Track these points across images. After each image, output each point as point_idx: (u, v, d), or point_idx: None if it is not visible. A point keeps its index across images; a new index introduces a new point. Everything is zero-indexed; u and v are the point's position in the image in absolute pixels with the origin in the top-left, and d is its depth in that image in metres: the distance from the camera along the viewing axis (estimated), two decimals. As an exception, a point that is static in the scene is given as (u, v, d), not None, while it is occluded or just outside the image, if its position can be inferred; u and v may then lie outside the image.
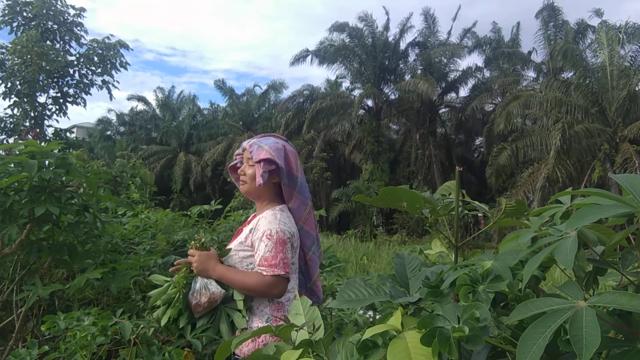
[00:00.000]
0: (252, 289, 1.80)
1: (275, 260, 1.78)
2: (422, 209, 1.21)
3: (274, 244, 1.80)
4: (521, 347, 0.70)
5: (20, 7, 11.10)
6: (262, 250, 1.80)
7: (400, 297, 1.10)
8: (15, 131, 11.44)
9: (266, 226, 1.83)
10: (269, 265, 1.78)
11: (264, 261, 1.79)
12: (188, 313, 1.78)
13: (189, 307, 1.78)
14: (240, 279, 1.81)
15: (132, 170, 6.25)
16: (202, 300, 1.76)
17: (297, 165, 1.98)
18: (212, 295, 1.77)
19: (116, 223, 2.82)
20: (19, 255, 2.25)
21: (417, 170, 23.55)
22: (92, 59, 11.58)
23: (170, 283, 1.84)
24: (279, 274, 1.78)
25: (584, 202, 0.91)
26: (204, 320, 1.78)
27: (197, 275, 1.80)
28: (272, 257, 1.78)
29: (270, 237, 1.81)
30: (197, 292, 1.77)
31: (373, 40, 23.67)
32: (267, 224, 1.84)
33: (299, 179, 1.95)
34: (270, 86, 32.42)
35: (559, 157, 15.63)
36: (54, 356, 1.72)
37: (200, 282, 1.79)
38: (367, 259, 14.50)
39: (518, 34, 25.36)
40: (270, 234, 1.81)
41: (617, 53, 16.99)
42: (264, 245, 1.81)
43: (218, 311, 1.80)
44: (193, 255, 1.81)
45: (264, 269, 1.78)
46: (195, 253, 1.81)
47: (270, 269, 1.78)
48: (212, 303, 1.77)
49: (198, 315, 1.78)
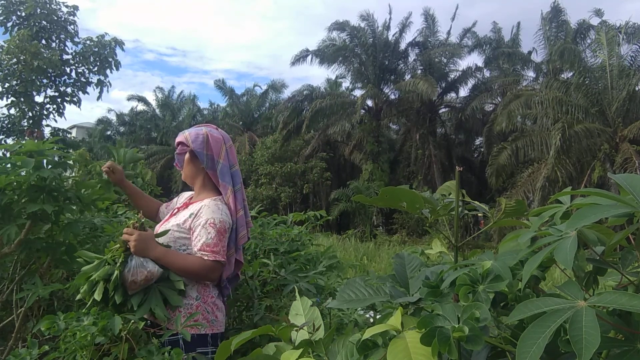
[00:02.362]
0: (192, 271, 1.91)
1: (217, 247, 1.92)
2: (422, 209, 1.21)
3: (217, 232, 1.93)
4: (521, 347, 0.70)
5: (14, 7, 11.08)
6: (205, 236, 1.92)
7: (400, 297, 1.10)
8: (14, 131, 11.42)
9: (210, 215, 1.95)
10: (212, 251, 1.90)
11: (206, 247, 1.91)
12: (122, 290, 1.80)
13: (123, 284, 1.81)
14: (181, 261, 1.91)
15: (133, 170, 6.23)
16: (139, 278, 1.79)
17: (223, 152, 2.10)
18: (149, 273, 1.81)
19: (116, 222, 2.82)
20: (18, 255, 2.25)
21: (417, 170, 23.55)
22: (88, 57, 11.54)
23: (102, 259, 1.86)
24: (219, 259, 1.92)
25: (583, 202, 0.91)
26: (137, 298, 1.82)
27: (132, 254, 1.84)
28: (214, 244, 1.91)
29: (213, 225, 1.93)
30: (133, 269, 1.79)
31: (373, 39, 23.68)
32: (211, 212, 1.96)
33: (220, 163, 2.08)
34: (270, 86, 32.44)
35: (558, 157, 15.63)
36: (54, 356, 1.72)
37: (135, 259, 1.82)
38: (367, 259, 14.50)
39: (518, 34, 25.38)
40: (213, 223, 1.94)
41: (616, 53, 17.00)
42: (206, 232, 1.93)
43: (151, 289, 1.85)
44: (131, 234, 1.85)
45: (206, 254, 1.90)
46: (133, 232, 1.85)
47: (213, 254, 1.90)
48: (148, 281, 1.82)
49: (132, 292, 1.81)
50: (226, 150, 2.12)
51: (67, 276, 2.52)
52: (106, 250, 1.92)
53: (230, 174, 2.10)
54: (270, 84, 32.68)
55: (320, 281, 2.48)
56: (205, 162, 2.07)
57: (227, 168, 2.10)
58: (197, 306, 1.94)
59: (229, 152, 2.13)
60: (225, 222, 1.97)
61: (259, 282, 2.53)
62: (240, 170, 2.23)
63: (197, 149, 2.07)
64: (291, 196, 24.45)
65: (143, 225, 1.91)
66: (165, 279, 1.89)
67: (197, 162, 2.09)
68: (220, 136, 2.14)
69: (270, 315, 2.32)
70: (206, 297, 1.98)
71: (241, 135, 29.41)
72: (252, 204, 20.76)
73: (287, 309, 1.28)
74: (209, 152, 2.08)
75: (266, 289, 2.55)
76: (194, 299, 1.94)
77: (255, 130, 31.19)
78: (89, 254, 1.93)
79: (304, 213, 3.21)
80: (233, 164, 2.14)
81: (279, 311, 2.34)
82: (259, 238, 2.78)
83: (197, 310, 1.93)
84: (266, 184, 24.76)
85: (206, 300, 1.97)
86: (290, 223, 3.09)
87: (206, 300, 1.97)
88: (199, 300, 1.95)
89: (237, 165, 2.17)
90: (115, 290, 1.79)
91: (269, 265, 2.51)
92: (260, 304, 2.35)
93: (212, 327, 1.96)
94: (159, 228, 2.10)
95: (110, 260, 1.85)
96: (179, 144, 2.13)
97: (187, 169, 2.14)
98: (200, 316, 1.92)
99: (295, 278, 2.44)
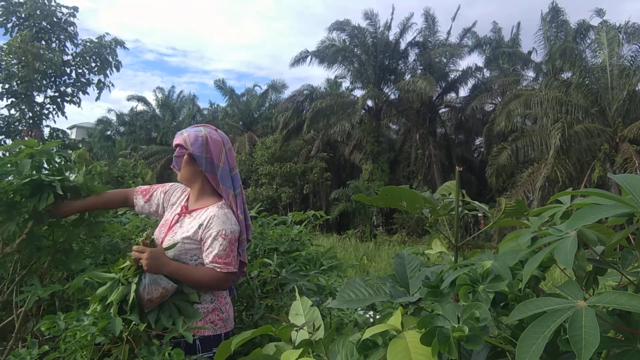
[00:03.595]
0: (205, 284, 1.92)
1: (228, 258, 1.93)
2: (422, 209, 1.21)
3: (228, 243, 1.94)
4: (521, 346, 0.70)
5: (14, 8, 11.07)
6: (217, 248, 1.92)
7: (400, 297, 1.10)
8: (13, 131, 11.41)
9: (221, 226, 1.95)
10: (224, 263, 1.92)
11: (218, 259, 1.92)
12: (139, 308, 1.80)
13: (139, 303, 1.81)
14: (194, 274, 1.92)
15: (133, 170, 6.24)
16: (155, 296, 1.79)
17: (222, 155, 2.07)
18: (164, 290, 1.82)
19: (116, 223, 2.82)
20: (19, 255, 2.25)
21: (417, 170, 23.54)
22: (88, 58, 11.53)
23: (115, 279, 1.85)
24: (232, 270, 1.93)
25: (584, 202, 0.91)
26: (153, 315, 1.82)
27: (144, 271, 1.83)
28: (225, 255, 1.92)
29: (225, 236, 1.94)
30: (148, 288, 1.80)
31: (374, 39, 23.67)
32: (222, 224, 1.96)
33: (220, 167, 2.06)
34: (270, 86, 32.45)
35: (558, 157, 15.63)
36: (54, 356, 1.72)
37: (149, 277, 1.81)
38: (367, 259, 14.50)
39: (518, 34, 25.39)
40: (225, 234, 1.94)
41: (617, 53, 16.99)
42: (218, 244, 1.93)
43: (166, 305, 1.85)
44: (142, 252, 1.83)
45: (218, 266, 1.91)
46: (144, 249, 1.84)
47: (225, 266, 1.92)
48: (163, 297, 1.82)
49: (148, 310, 1.81)
50: (225, 153, 2.09)
51: (67, 276, 2.52)
52: (115, 268, 1.90)
53: (230, 177, 2.08)
54: (271, 84, 32.71)
55: (321, 279, 2.48)
56: (204, 166, 2.04)
57: (227, 172, 2.08)
58: (214, 308, 1.97)
59: (229, 154, 2.11)
60: (235, 232, 1.98)
61: (259, 282, 2.53)
62: (240, 170, 2.23)
63: (196, 152, 2.02)
64: (291, 196, 24.45)
65: (154, 242, 1.89)
66: (179, 292, 1.90)
67: (196, 165, 2.06)
68: (220, 138, 2.10)
69: (271, 315, 2.32)
70: (220, 298, 2.01)
71: (241, 135, 29.41)
72: (252, 204, 20.76)
73: (288, 309, 1.28)
74: (208, 155, 2.04)
75: (266, 288, 2.56)
76: (209, 303, 1.97)
77: (255, 130, 31.19)
78: (100, 275, 1.91)
79: (304, 213, 3.21)
80: (233, 167, 2.11)
81: (280, 311, 2.34)
82: (259, 238, 2.78)
83: (212, 312, 1.96)
84: (266, 184, 24.76)
85: (220, 301, 2.00)
86: (290, 223, 3.09)
87: (220, 301, 2.00)
88: (214, 303, 1.98)
89: (237, 168, 2.15)
90: (132, 310, 1.79)
91: (270, 265, 2.52)
92: (261, 304, 2.36)
93: (226, 326, 2.00)
94: (158, 233, 2.08)
95: (124, 280, 1.84)
96: (177, 146, 2.09)
97: (185, 171, 2.10)
98: (216, 317, 1.96)
99: (295, 278, 2.44)
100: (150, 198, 2.23)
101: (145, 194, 2.25)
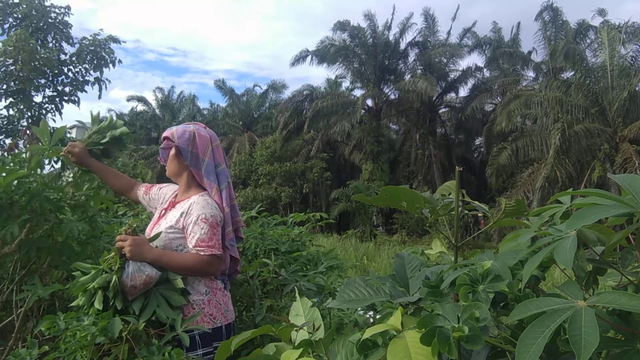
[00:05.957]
0: (190, 268, 1.92)
1: (211, 241, 1.93)
2: (422, 209, 1.21)
3: (209, 226, 1.94)
4: (521, 346, 0.71)
5: (10, 9, 11.06)
6: (199, 232, 1.93)
7: (400, 297, 1.10)
8: (12, 131, 11.40)
9: (200, 210, 1.96)
10: (207, 246, 1.91)
11: (200, 242, 1.92)
12: (121, 296, 1.81)
13: (122, 290, 1.81)
14: (178, 260, 1.92)
15: (133, 170, 6.24)
16: (138, 283, 1.80)
17: (209, 150, 2.10)
18: (148, 277, 1.82)
19: (116, 223, 2.82)
20: (19, 255, 2.25)
21: (417, 170, 23.54)
22: (84, 56, 11.50)
23: (99, 269, 1.86)
24: (215, 253, 1.92)
25: (583, 202, 0.91)
26: (138, 303, 1.82)
27: (128, 259, 1.84)
28: (208, 239, 1.92)
29: (205, 220, 1.94)
30: (131, 275, 1.80)
31: (374, 39, 23.67)
32: (201, 208, 1.97)
33: (205, 161, 2.08)
34: (270, 86, 32.42)
35: (558, 157, 15.63)
36: (54, 356, 1.72)
37: (133, 265, 1.82)
38: (367, 259, 14.50)
39: (518, 34, 25.36)
40: (205, 218, 1.95)
41: (617, 53, 16.99)
42: (199, 228, 1.93)
43: (151, 293, 1.85)
44: (124, 240, 1.85)
45: (201, 249, 1.91)
46: (126, 238, 1.86)
47: (208, 249, 1.91)
48: (147, 285, 1.82)
49: (132, 298, 1.82)
50: (212, 149, 2.12)
51: (67, 276, 2.52)
52: (101, 260, 1.92)
53: (215, 172, 2.11)
54: (271, 84, 32.67)
55: (320, 280, 2.48)
56: (189, 160, 2.07)
57: (213, 167, 2.10)
58: (209, 300, 1.96)
59: (215, 151, 2.14)
60: (216, 215, 1.99)
61: (259, 282, 2.53)
62: (240, 170, 2.25)
63: (182, 145, 2.07)
64: (291, 196, 24.45)
65: (135, 231, 1.91)
66: (164, 281, 1.90)
67: (182, 159, 2.09)
68: (207, 135, 2.14)
69: (271, 315, 2.32)
70: (215, 289, 2.00)
71: (241, 135, 29.41)
72: (252, 204, 20.75)
73: (288, 309, 1.28)
74: (194, 149, 2.08)
75: (266, 288, 2.56)
76: (203, 294, 1.96)
77: (255, 130, 31.17)
78: (85, 265, 1.93)
79: (304, 213, 3.21)
80: (219, 163, 2.13)
81: (280, 311, 2.34)
82: (259, 238, 2.78)
83: (209, 305, 1.95)
84: (266, 184, 24.75)
85: (216, 293, 1.99)
86: (291, 224, 3.09)
87: (216, 293, 1.99)
88: (209, 295, 1.97)
89: (224, 165, 2.17)
90: (115, 297, 1.79)
91: (269, 265, 2.52)
92: (262, 304, 2.36)
93: (225, 318, 1.99)
94: (149, 231, 2.10)
95: (107, 268, 1.85)
96: (164, 138, 2.14)
97: (172, 165, 2.14)
98: (214, 309, 1.95)
99: (296, 278, 2.44)
100: (148, 192, 2.31)
101: (146, 188, 2.34)
